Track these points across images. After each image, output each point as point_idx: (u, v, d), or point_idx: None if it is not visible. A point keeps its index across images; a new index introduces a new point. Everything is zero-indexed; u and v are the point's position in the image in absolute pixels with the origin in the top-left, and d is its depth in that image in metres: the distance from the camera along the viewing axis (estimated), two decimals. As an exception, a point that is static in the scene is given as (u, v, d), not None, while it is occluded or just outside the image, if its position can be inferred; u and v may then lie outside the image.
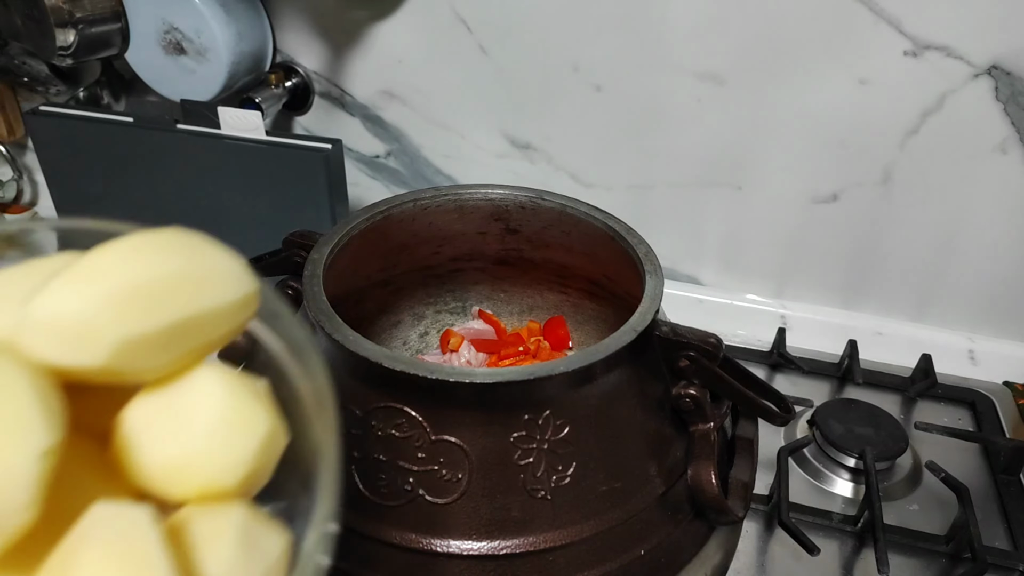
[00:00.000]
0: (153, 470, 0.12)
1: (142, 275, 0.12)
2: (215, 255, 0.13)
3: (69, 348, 0.12)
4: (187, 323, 0.13)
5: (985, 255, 0.41)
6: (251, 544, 0.13)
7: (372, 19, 0.45)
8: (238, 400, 0.13)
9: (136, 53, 0.44)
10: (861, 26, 0.37)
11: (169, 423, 0.13)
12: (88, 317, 0.12)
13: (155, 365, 0.13)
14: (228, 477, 0.13)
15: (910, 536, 0.32)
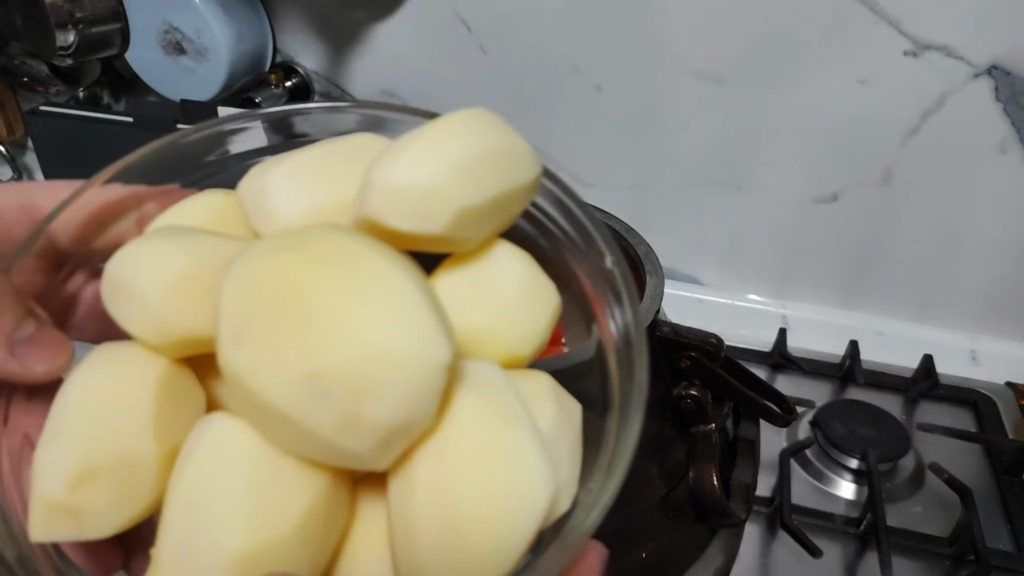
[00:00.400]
0: (462, 339, 0.13)
1: (475, 149, 0.13)
2: (516, 136, 0.14)
3: (414, 215, 0.13)
4: (505, 197, 0.13)
5: (986, 255, 0.41)
6: (562, 405, 0.13)
7: (372, 19, 0.45)
8: (535, 273, 0.14)
9: (136, 53, 0.44)
10: (861, 26, 0.37)
11: (475, 293, 0.14)
12: (436, 186, 0.13)
13: (475, 236, 0.14)
14: (527, 345, 0.14)
15: (913, 538, 0.32)
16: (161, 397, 0.12)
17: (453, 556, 0.11)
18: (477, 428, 0.11)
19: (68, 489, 0.12)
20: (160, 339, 0.13)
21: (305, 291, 0.11)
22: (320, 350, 0.11)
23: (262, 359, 0.11)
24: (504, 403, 0.12)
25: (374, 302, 0.11)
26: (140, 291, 0.13)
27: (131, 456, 0.12)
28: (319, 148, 0.15)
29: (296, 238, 0.12)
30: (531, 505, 0.11)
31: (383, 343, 0.11)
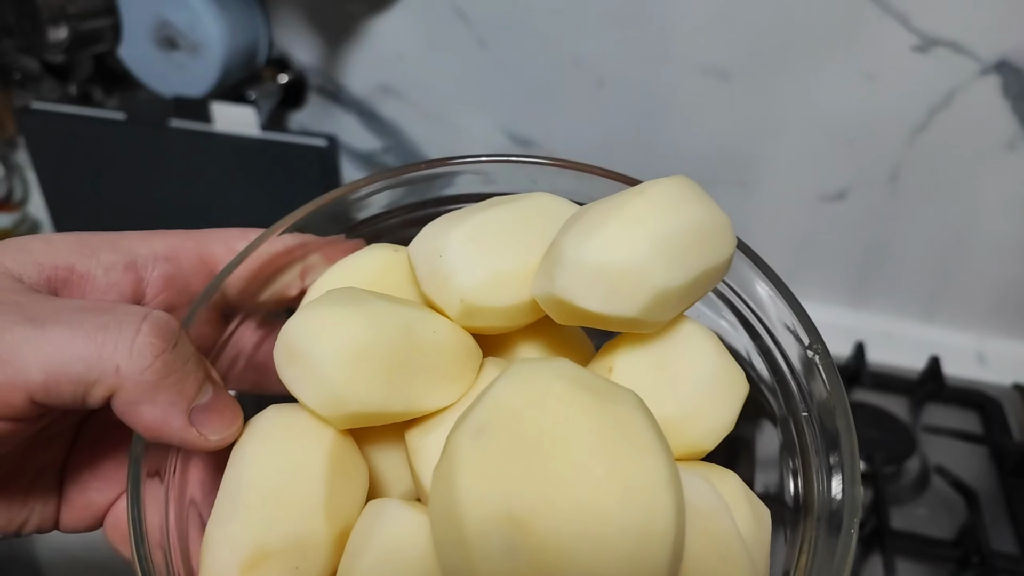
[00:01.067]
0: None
1: (677, 226, 0.12)
2: (716, 208, 0.13)
3: (609, 297, 0.12)
4: (704, 276, 0.13)
5: (994, 254, 0.40)
6: (755, 511, 0.12)
7: (368, 12, 0.44)
8: (725, 358, 0.13)
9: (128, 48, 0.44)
10: (868, 21, 0.36)
11: (663, 380, 0.13)
12: (635, 266, 0.12)
13: (666, 319, 0.13)
14: (713, 438, 0.13)
15: (918, 541, 0.31)
16: (331, 473, 0.12)
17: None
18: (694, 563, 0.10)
19: (241, 572, 0.11)
20: (332, 412, 0.12)
21: (570, 436, 0.10)
22: (543, 503, 0.09)
23: (486, 466, 0.10)
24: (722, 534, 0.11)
25: (627, 499, 0.10)
26: (316, 362, 0.12)
27: (304, 538, 0.12)
28: (497, 210, 0.14)
29: (589, 389, 0.11)
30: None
31: (606, 545, 0.09)
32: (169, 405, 0.12)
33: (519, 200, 0.14)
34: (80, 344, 0.11)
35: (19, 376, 0.11)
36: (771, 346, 0.14)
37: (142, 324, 0.12)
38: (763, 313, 0.14)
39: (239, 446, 0.13)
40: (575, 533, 0.09)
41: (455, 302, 0.13)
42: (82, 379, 0.11)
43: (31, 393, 0.11)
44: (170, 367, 0.12)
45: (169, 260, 0.14)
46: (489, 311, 0.13)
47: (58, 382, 0.11)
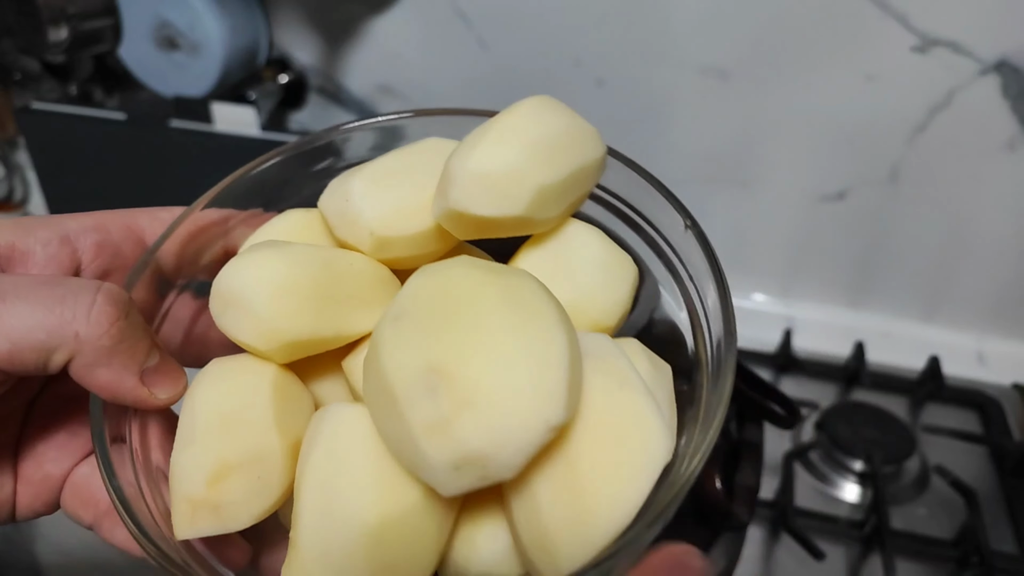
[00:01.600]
0: None
1: (547, 130, 0.14)
2: (580, 118, 0.15)
3: (496, 199, 0.13)
4: (578, 174, 0.14)
5: (994, 254, 0.40)
6: (655, 364, 0.14)
7: (369, 13, 0.44)
8: (611, 248, 0.15)
9: (129, 48, 0.44)
10: (868, 21, 0.36)
11: (558, 272, 0.14)
12: (515, 168, 0.13)
13: (552, 215, 0.14)
14: (612, 316, 0.15)
15: (917, 541, 0.31)
16: (277, 397, 0.14)
17: (574, 512, 0.11)
18: (596, 390, 0.12)
19: (207, 486, 0.13)
20: (269, 344, 0.14)
21: (472, 304, 0.12)
22: (453, 351, 0.11)
23: (404, 338, 0.12)
24: (618, 369, 0.12)
25: (522, 338, 0.11)
26: (248, 302, 0.14)
27: (260, 451, 0.13)
28: (393, 155, 0.16)
29: (484, 264, 0.13)
30: (651, 460, 0.11)
31: (509, 373, 0.11)
32: (122, 367, 0.13)
33: (412, 146, 0.16)
34: (41, 315, 0.13)
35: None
36: (652, 232, 0.16)
37: (97, 295, 0.13)
38: (642, 207, 0.16)
39: (189, 393, 0.14)
40: (484, 368, 0.11)
41: (366, 236, 0.15)
42: (44, 346, 0.13)
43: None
44: (123, 333, 0.13)
45: (97, 230, 0.16)
46: (398, 240, 0.15)
47: (22, 350, 0.12)
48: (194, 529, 0.13)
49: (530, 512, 0.12)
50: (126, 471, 0.14)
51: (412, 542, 0.12)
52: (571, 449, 0.11)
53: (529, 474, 0.12)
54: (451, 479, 0.11)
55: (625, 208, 0.16)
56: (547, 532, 0.11)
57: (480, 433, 0.11)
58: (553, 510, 0.11)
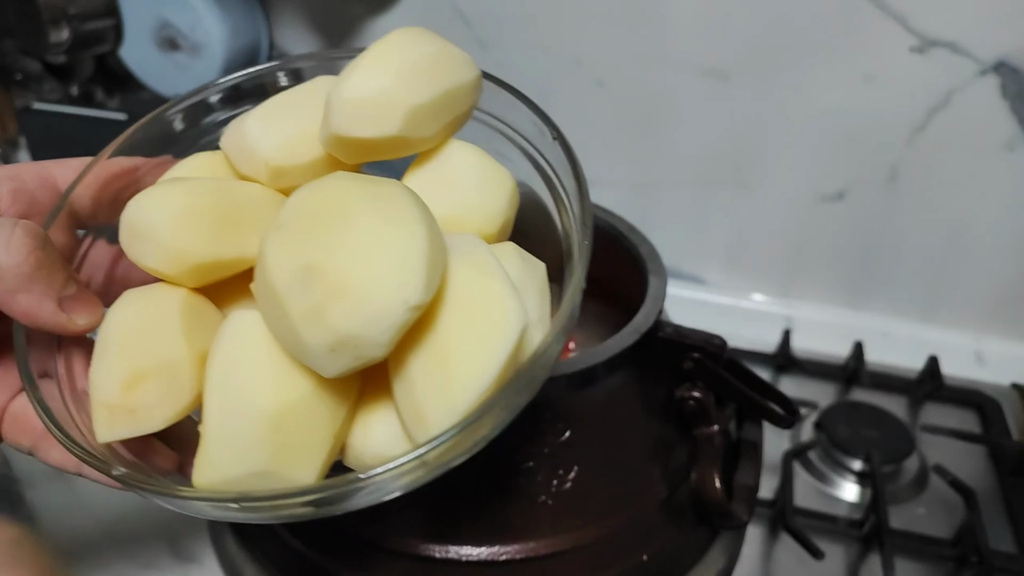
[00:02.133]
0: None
1: (416, 56, 0.15)
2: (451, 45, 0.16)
3: (372, 121, 0.15)
4: (449, 95, 0.16)
5: (993, 254, 0.41)
6: (527, 262, 0.16)
7: (369, 14, 0.44)
8: (488, 162, 0.17)
9: (130, 49, 0.44)
10: (867, 22, 0.36)
11: (440, 187, 0.16)
12: (386, 91, 0.15)
13: (428, 134, 0.16)
14: (492, 224, 0.16)
15: (916, 540, 0.32)
16: (186, 313, 0.15)
17: (438, 380, 0.13)
18: (458, 279, 0.14)
19: (123, 391, 0.14)
20: (175, 268, 0.15)
21: (343, 210, 0.13)
22: (325, 251, 0.13)
23: (284, 245, 0.13)
24: (481, 260, 0.14)
25: (384, 234, 0.13)
26: (153, 230, 0.15)
27: (170, 359, 0.14)
28: (284, 94, 0.17)
29: (357, 176, 0.14)
30: (504, 333, 0.13)
31: (372, 264, 0.12)
32: (41, 294, 0.14)
33: (302, 84, 0.18)
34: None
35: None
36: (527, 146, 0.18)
37: (15, 228, 0.14)
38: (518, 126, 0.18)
39: (105, 319, 0.15)
40: (351, 261, 0.12)
41: (262, 167, 0.16)
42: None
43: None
44: (41, 262, 0.14)
45: (12, 179, 0.16)
46: (292, 169, 0.16)
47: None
48: (113, 432, 0.14)
49: (405, 388, 0.13)
50: (53, 394, 0.15)
51: (308, 427, 0.13)
52: (437, 329, 0.13)
53: (404, 355, 0.13)
54: (330, 360, 0.13)
55: (503, 127, 0.18)
56: (418, 403, 0.13)
57: (349, 317, 0.12)
58: (423, 383, 0.13)
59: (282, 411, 0.13)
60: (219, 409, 0.13)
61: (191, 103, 0.18)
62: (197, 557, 0.30)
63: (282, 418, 0.13)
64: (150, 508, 0.32)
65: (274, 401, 0.13)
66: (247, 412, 0.13)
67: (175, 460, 0.16)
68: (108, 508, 0.32)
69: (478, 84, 0.17)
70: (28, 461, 0.33)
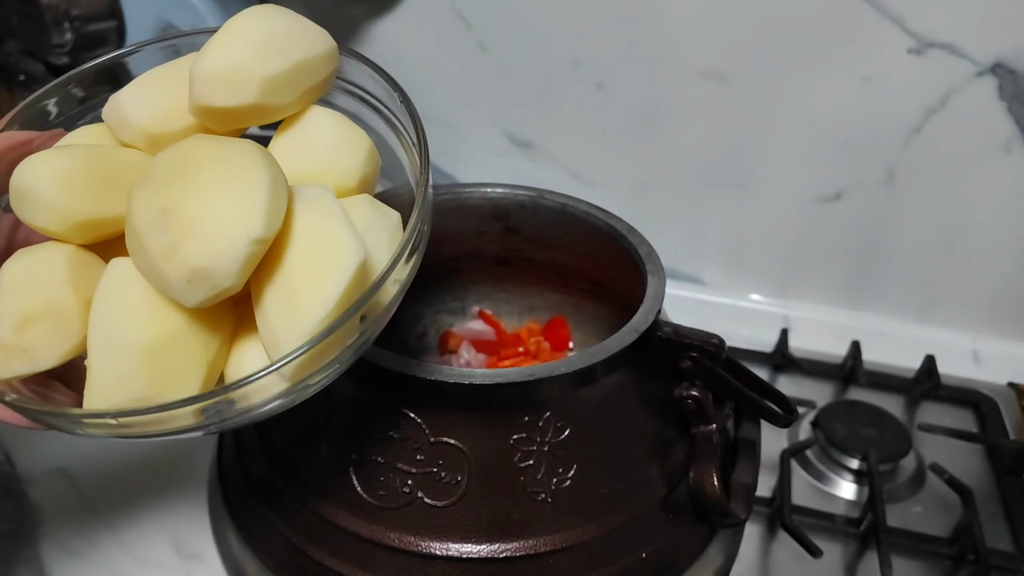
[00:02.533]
0: (297, 181, 0.17)
1: (269, 31, 0.17)
2: (304, 19, 0.18)
3: (230, 91, 0.17)
4: (304, 64, 0.18)
5: (990, 255, 0.41)
6: (378, 210, 0.18)
7: (370, 16, 0.44)
8: (346, 124, 0.19)
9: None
10: (864, 24, 0.36)
11: (300, 147, 0.18)
12: (241, 64, 0.17)
13: (286, 102, 0.18)
14: (351, 179, 0.18)
15: (913, 538, 0.32)
16: (72, 264, 0.17)
17: (289, 309, 0.15)
18: (305, 222, 0.16)
19: (15, 332, 0.16)
20: (60, 225, 0.16)
21: (196, 163, 0.15)
22: (178, 196, 0.15)
23: (146, 195, 0.15)
24: (324, 206, 0.16)
25: (229, 180, 0.15)
26: (37, 192, 0.16)
27: (57, 303, 0.16)
28: (158, 68, 0.19)
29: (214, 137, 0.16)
30: (343, 264, 0.15)
31: (218, 205, 0.14)
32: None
33: (175, 61, 0.19)
34: None
35: None
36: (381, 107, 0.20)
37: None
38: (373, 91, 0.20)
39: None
40: (200, 204, 0.14)
41: (140, 136, 0.18)
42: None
43: None
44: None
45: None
46: (167, 136, 0.18)
47: None
48: (9, 369, 0.16)
49: (263, 318, 0.15)
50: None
51: (181, 356, 0.15)
52: (284, 264, 0.15)
53: (260, 290, 0.15)
54: (189, 291, 0.14)
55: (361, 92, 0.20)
56: (272, 329, 0.15)
57: (200, 252, 0.14)
58: (276, 311, 0.15)
59: (155, 342, 0.15)
60: (100, 344, 0.15)
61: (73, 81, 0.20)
62: (199, 554, 0.30)
63: (156, 349, 0.15)
64: (153, 506, 0.32)
65: (147, 334, 0.15)
66: (124, 345, 0.15)
67: (75, 399, 0.17)
68: (110, 505, 0.32)
69: (333, 55, 0.19)
70: (31, 458, 0.34)
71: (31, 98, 0.19)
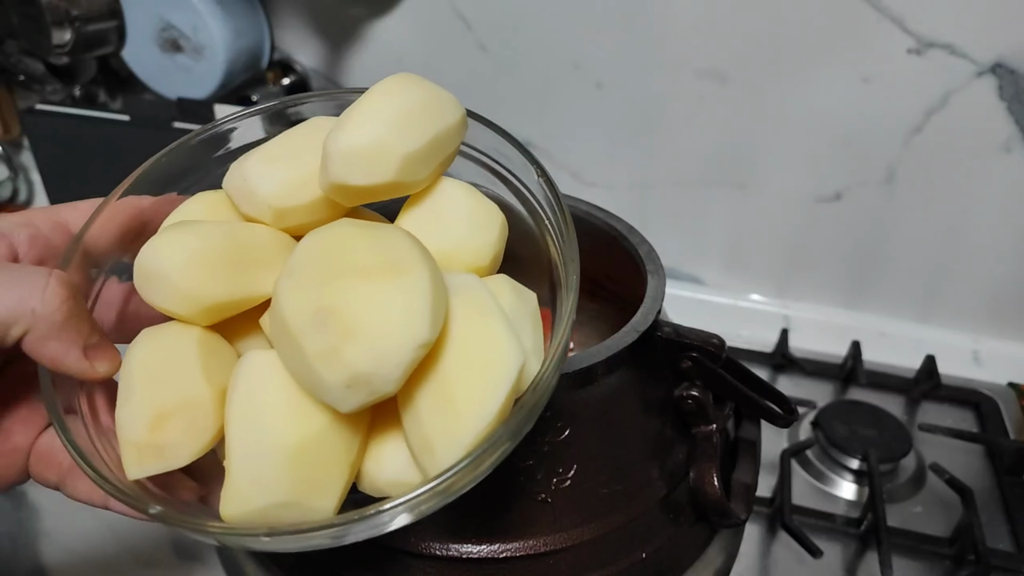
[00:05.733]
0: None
1: (406, 104, 0.16)
2: (436, 87, 0.17)
3: (368, 170, 0.16)
4: (439, 139, 0.17)
5: (990, 254, 0.41)
6: (519, 294, 0.17)
7: (371, 16, 0.44)
8: (478, 198, 0.18)
9: (133, 51, 0.44)
10: (864, 24, 0.36)
11: (433, 224, 0.17)
12: (379, 141, 0.16)
13: (421, 178, 0.17)
14: (484, 258, 0.17)
15: (914, 538, 0.32)
16: (202, 351, 0.16)
17: (445, 416, 0.14)
18: (460, 319, 0.15)
19: (149, 431, 0.15)
20: (189, 309, 0.16)
21: (349, 255, 0.14)
22: (335, 294, 0.14)
23: (297, 287, 0.14)
24: (479, 300, 0.15)
25: (390, 277, 0.14)
26: (167, 274, 0.16)
27: (192, 397, 0.15)
28: (282, 137, 0.18)
29: (362, 223, 0.15)
30: (504, 370, 0.14)
31: (381, 306, 0.13)
32: (70, 341, 0.15)
33: (297, 127, 0.19)
34: (2, 294, 0.15)
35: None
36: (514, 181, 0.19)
37: (49, 278, 0.15)
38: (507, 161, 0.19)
39: (125, 359, 0.16)
40: (362, 303, 0.13)
41: (265, 209, 0.17)
42: (3, 321, 0.15)
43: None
44: (72, 311, 0.15)
45: (27, 225, 0.17)
46: (294, 210, 0.17)
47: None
48: (142, 469, 0.15)
49: (414, 422, 0.14)
50: (80, 431, 0.16)
51: (326, 458, 0.14)
52: (441, 366, 0.14)
53: (412, 391, 0.14)
54: (346, 396, 0.13)
55: (490, 162, 0.19)
56: (427, 437, 0.14)
57: (363, 356, 0.13)
58: (431, 418, 0.14)
59: (301, 444, 0.14)
60: (242, 445, 0.14)
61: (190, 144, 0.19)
62: (199, 555, 0.30)
63: (301, 451, 0.14)
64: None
65: (293, 435, 0.14)
66: (268, 446, 0.14)
67: (196, 490, 0.17)
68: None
69: (464, 123, 0.18)
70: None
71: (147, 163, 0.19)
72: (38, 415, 0.18)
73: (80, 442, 0.15)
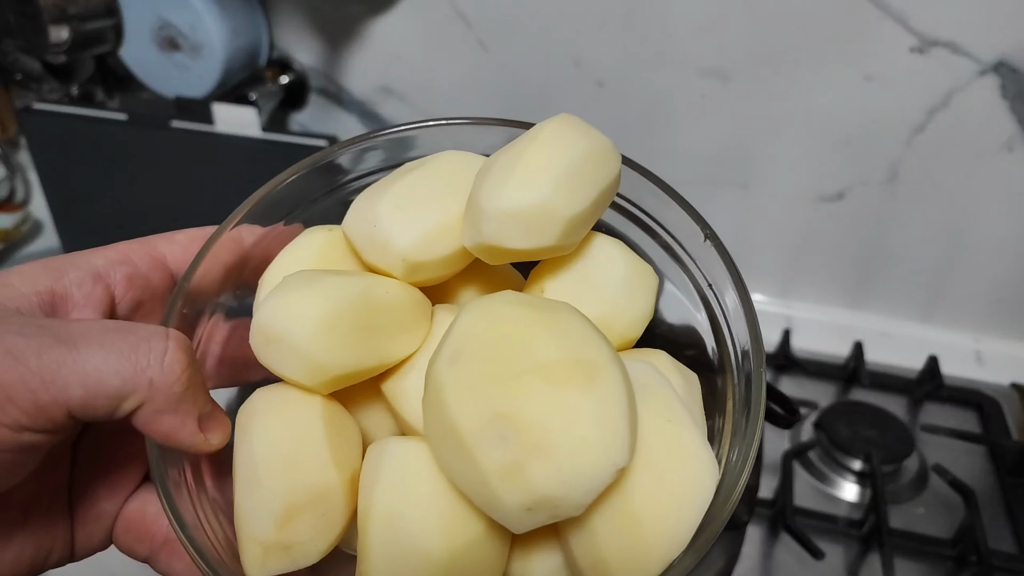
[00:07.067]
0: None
1: (572, 161, 0.14)
2: (599, 135, 0.15)
3: (529, 234, 0.14)
4: (602, 195, 0.15)
5: (992, 254, 0.41)
6: (685, 377, 0.15)
7: (369, 14, 0.44)
8: (633, 259, 0.16)
9: (130, 49, 0.44)
10: (867, 22, 0.36)
11: (584, 287, 0.15)
12: (546, 204, 0.14)
13: (577, 240, 0.15)
14: (638, 328, 0.16)
15: (916, 540, 0.32)
16: (329, 431, 0.14)
17: (629, 541, 0.12)
18: (647, 427, 0.13)
19: (277, 529, 0.13)
20: (315, 380, 0.14)
21: (526, 345, 0.12)
22: (521, 399, 0.12)
23: (467, 383, 0.12)
24: (666, 402, 0.13)
25: (582, 383, 0.12)
26: (293, 341, 0.14)
27: (322, 489, 0.14)
28: (414, 174, 0.16)
29: (531, 301, 0.13)
30: (700, 493, 0.12)
31: (573, 419, 0.12)
32: (186, 414, 0.13)
33: (430, 162, 0.16)
34: (115, 362, 0.13)
35: (61, 394, 0.12)
36: (672, 243, 0.16)
37: (168, 342, 0.13)
38: (662, 217, 0.16)
39: (241, 430, 0.14)
40: (551, 415, 0.12)
41: (398, 263, 0.15)
42: (118, 393, 0.13)
43: (71, 409, 0.12)
44: (191, 380, 0.13)
45: (124, 263, 0.16)
46: (429, 264, 0.15)
47: (96, 397, 0.12)
48: (266, 570, 0.13)
49: (587, 543, 0.13)
50: (185, 505, 0.14)
51: (477, 571, 0.13)
52: (626, 484, 0.12)
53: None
54: (524, 519, 0.12)
55: (643, 215, 0.17)
56: (605, 561, 0.12)
57: (552, 478, 0.11)
58: (609, 540, 0.12)
59: (452, 555, 0.12)
60: (383, 549, 0.13)
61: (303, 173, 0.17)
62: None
63: (452, 562, 0.12)
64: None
65: (444, 544, 0.12)
66: (415, 555, 0.12)
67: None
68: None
69: (620, 174, 0.16)
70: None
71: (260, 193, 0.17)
72: (127, 476, 0.16)
73: (189, 524, 0.13)
